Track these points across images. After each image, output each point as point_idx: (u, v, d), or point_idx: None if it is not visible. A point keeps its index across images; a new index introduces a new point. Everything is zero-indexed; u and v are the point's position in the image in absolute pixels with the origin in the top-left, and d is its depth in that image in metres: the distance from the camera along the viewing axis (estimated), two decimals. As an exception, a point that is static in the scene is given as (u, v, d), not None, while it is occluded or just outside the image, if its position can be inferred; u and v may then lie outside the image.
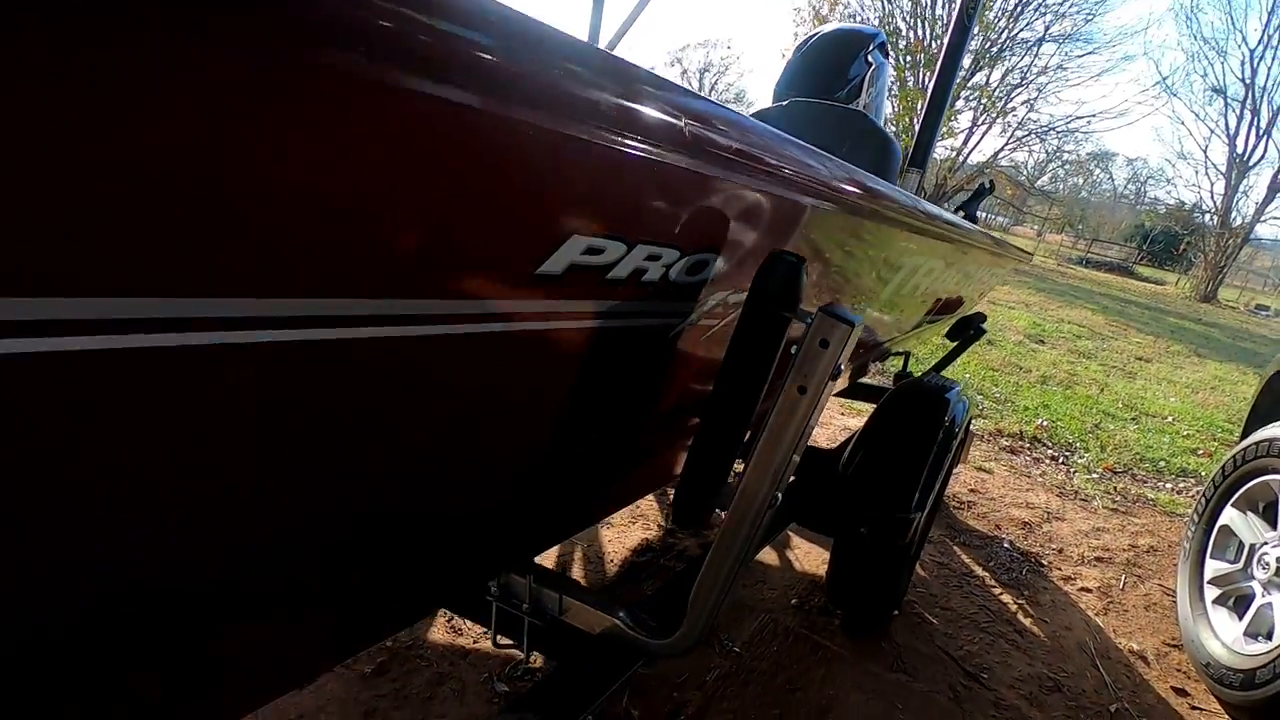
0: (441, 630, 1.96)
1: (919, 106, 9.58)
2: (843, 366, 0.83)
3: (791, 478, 0.92)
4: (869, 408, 2.88)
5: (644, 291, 0.75)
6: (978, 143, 19.79)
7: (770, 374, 0.83)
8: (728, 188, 0.75)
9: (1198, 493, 3.16)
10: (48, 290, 0.36)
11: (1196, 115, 49.00)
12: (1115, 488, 3.97)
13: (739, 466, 0.96)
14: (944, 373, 2.86)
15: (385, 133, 0.42)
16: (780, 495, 0.89)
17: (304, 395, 0.50)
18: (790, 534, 2.79)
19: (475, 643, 1.93)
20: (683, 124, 0.60)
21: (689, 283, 0.81)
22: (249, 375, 0.45)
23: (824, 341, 0.80)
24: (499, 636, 1.25)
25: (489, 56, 0.43)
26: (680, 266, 0.77)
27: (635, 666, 1.13)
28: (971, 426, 3.22)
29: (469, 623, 1.99)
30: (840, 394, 3.09)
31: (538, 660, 1.89)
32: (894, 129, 15.91)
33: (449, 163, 0.47)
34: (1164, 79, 57.59)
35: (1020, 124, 21.52)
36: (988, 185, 3.18)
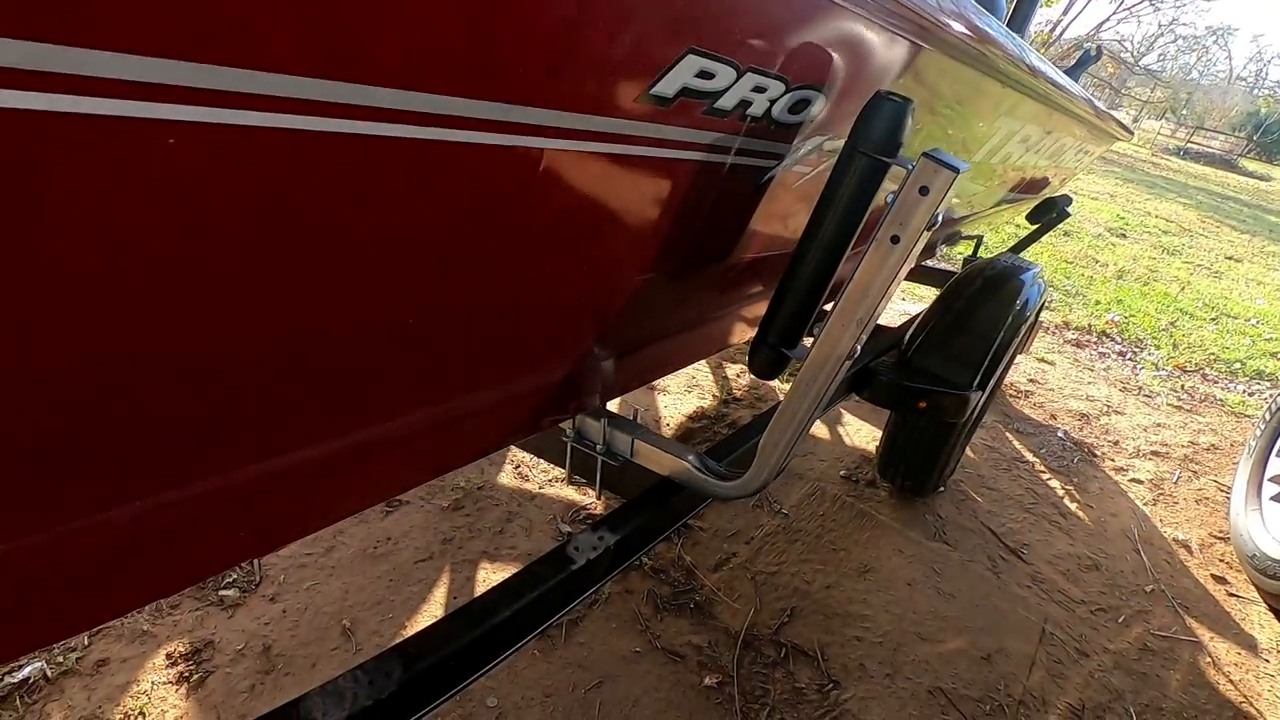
0: (510, 475, 2.10)
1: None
2: (940, 217, 0.81)
3: (869, 335, 0.92)
4: (930, 294, 2.82)
5: (746, 127, 0.73)
6: (1080, 12, 17.58)
7: (864, 220, 0.82)
8: (839, 17, 0.71)
9: (1273, 394, 3.05)
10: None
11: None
12: (1183, 386, 3.86)
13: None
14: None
15: None
16: (860, 348, 0.91)
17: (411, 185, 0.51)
18: (842, 410, 2.83)
19: (540, 488, 2.07)
20: None
21: (789, 122, 0.79)
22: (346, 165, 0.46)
23: (924, 189, 0.78)
24: (573, 476, 1.34)
25: None
26: (784, 102, 0.74)
27: (703, 504, 1.21)
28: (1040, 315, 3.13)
29: (535, 471, 2.13)
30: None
31: (599, 507, 2.03)
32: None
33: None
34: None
35: (1134, -12, 19.05)
36: (1093, 52, 2.90)
